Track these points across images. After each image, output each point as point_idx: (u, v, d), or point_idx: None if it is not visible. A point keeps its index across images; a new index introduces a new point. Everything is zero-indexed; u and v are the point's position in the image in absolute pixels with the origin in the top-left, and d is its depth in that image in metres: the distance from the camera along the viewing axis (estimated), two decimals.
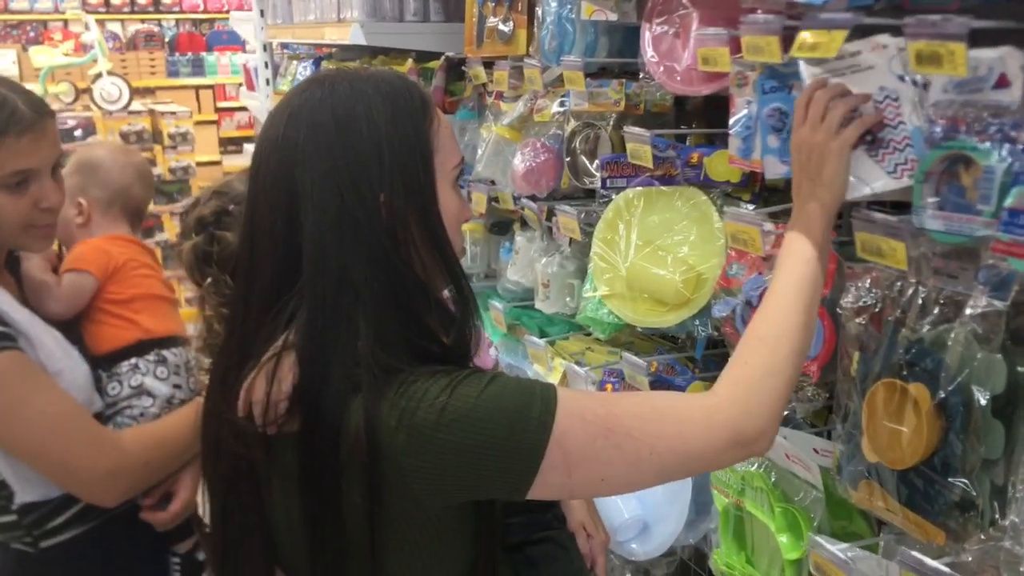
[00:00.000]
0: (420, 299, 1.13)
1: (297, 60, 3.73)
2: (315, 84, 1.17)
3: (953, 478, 1.21)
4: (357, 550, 1.09)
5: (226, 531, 1.22)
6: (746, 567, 1.62)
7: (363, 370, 1.06)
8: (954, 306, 1.24)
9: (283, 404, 1.09)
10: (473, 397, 1.05)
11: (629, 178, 1.91)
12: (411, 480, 1.06)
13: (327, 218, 1.09)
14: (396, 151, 1.11)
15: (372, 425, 1.04)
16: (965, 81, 1.16)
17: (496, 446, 1.05)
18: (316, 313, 1.09)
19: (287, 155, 1.12)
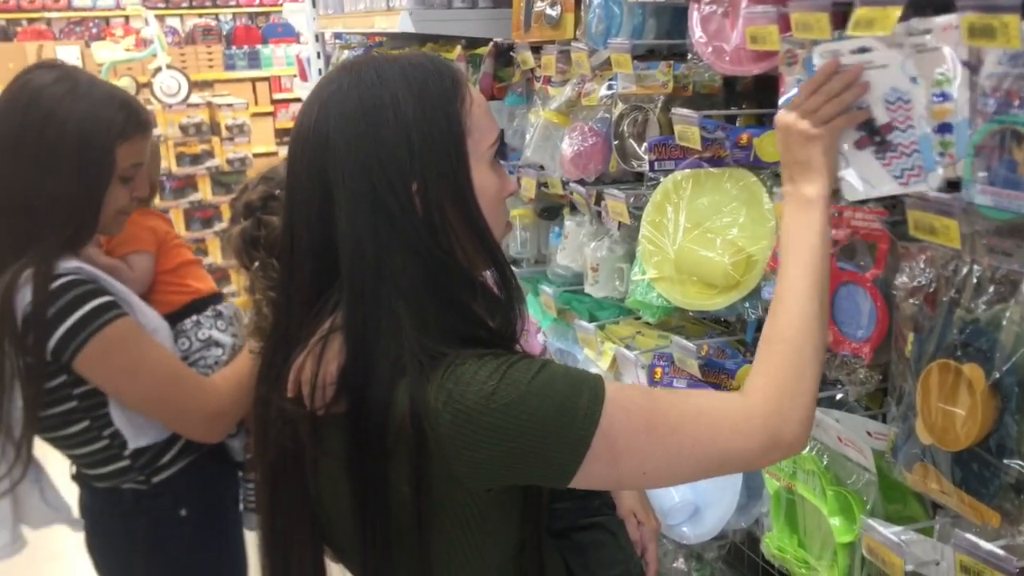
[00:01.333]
0: (463, 285, 1.14)
1: (348, 50, 3.76)
2: (343, 72, 1.17)
3: (1008, 460, 1.19)
4: (404, 532, 1.11)
5: (275, 515, 1.25)
6: (798, 551, 1.61)
7: (407, 355, 1.07)
8: (1010, 285, 1.22)
9: (331, 386, 1.11)
10: (524, 383, 1.06)
11: (677, 160, 1.90)
12: (454, 462, 1.07)
13: (361, 212, 1.10)
14: (425, 138, 1.11)
15: (418, 408, 1.06)
16: (1018, 54, 1.13)
17: (544, 434, 1.06)
18: (356, 307, 1.10)
19: (318, 147, 1.12)
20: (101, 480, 1.91)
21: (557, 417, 1.06)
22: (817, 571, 1.56)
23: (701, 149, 1.82)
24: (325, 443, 1.15)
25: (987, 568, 1.20)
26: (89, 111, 1.74)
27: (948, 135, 1.23)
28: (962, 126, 1.22)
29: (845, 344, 1.48)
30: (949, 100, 1.23)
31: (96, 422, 1.82)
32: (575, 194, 2.31)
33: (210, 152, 6.28)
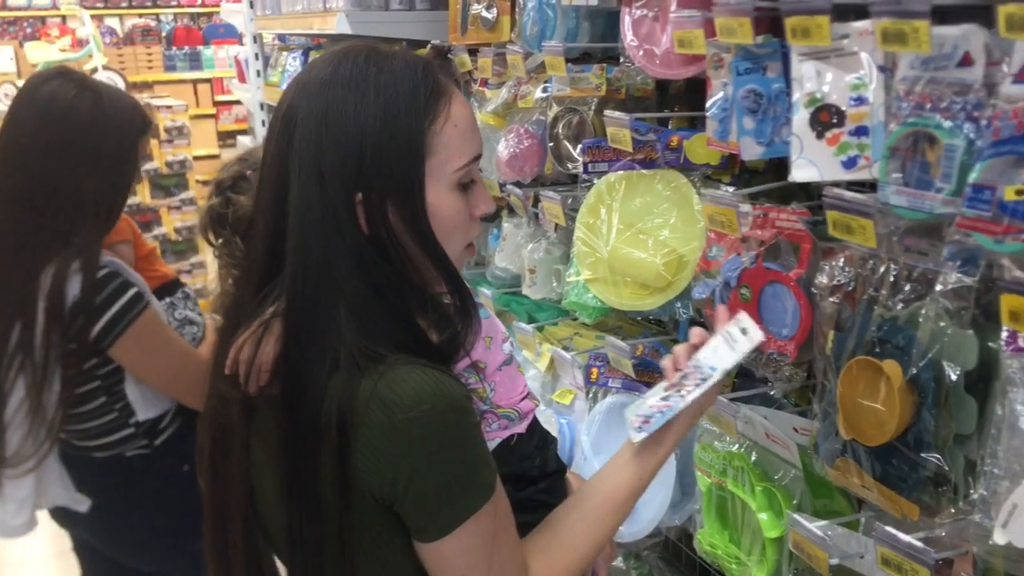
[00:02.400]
0: (409, 297, 1.14)
1: (287, 51, 3.73)
2: (327, 63, 1.15)
3: (926, 453, 1.22)
4: (329, 526, 1.11)
5: (215, 489, 1.25)
6: (729, 546, 1.63)
7: (343, 351, 1.07)
8: (926, 283, 1.25)
9: (265, 373, 1.12)
10: (462, 424, 1.08)
11: (610, 162, 1.91)
12: (361, 466, 1.07)
13: (312, 209, 1.09)
14: (377, 153, 1.09)
15: (345, 406, 1.06)
16: (931, 59, 1.16)
17: (445, 477, 1.08)
18: (296, 302, 1.11)
19: (285, 133, 1.12)
20: (103, 450, 2.06)
21: (463, 474, 1.09)
22: (747, 566, 1.58)
23: (633, 151, 1.84)
24: (259, 426, 1.16)
25: (907, 560, 1.23)
26: (120, 115, 1.98)
27: (864, 138, 1.26)
28: (878, 129, 1.25)
29: (771, 342, 1.50)
30: (865, 104, 1.26)
31: (112, 398, 2.00)
32: (512, 196, 2.32)
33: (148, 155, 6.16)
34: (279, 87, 3.75)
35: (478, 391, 1.24)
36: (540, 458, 1.33)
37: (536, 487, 1.30)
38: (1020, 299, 1.05)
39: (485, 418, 1.26)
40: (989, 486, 1.13)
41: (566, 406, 2.08)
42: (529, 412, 1.32)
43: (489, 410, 1.26)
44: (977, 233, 1.06)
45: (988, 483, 1.13)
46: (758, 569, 1.55)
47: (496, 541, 1.13)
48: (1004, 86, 1.07)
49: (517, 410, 1.29)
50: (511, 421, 1.29)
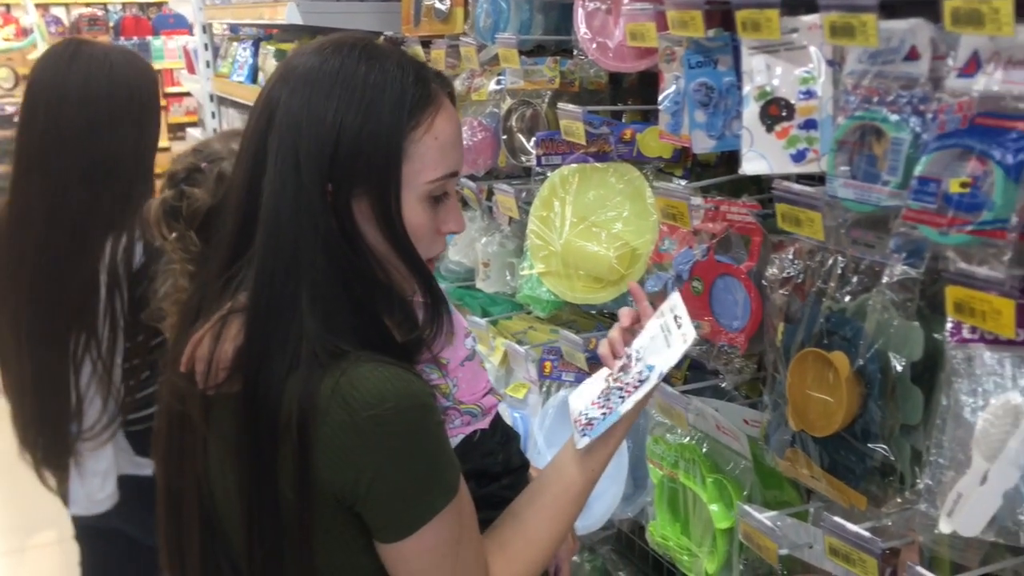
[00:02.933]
0: (376, 294, 1.12)
1: (238, 41, 3.67)
2: (316, 52, 1.13)
3: (873, 444, 1.23)
4: (289, 518, 1.09)
5: (169, 491, 1.23)
6: (680, 538, 1.64)
7: (305, 346, 1.06)
8: (872, 275, 1.26)
9: (223, 370, 1.10)
10: (425, 423, 1.07)
11: (564, 155, 1.91)
12: (322, 464, 1.05)
13: (286, 193, 1.08)
14: (352, 149, 1.08)
15: (306, 403, 1.04)
16: (878, 52, 1.17)
17: (407, 477, 1.06)
18: (262, 288, 1.09)
19: (267, 115, 1.11)
20: (138, 424, 2.04)
21: (426, 474, 1.07)
22: (698, 557, 1.59)
23: (586, 144, 1.84)
24: (216, 424, 1.14)
25: (855, 550, 1.25)
26: (147, 71, 2.04)
27: (813, 131, 1.27)
28: (826, 122, 1.26)
29: (722, 335, 1.51)
30: (814, 97, 1.27)
31: (154, 369, 1.99)
32: (466, 189, 2.31)
33: None
34: (229, 78, 3.69)
35: (441, 387, 1.23)
36: (503, 454, 1.32)
37: (499, 483, 1.30)
38: (965, 291, 1.06)
39: (448, 414, 1.25)
40: (934, 476, 1.15)
41: (520, 400, 2.08)
42: (492, 407, 1.31)
43: (452, 406, 1.25)
44: (923, 225, 1.07)
45: (933, 473, 1.15)
46: (709, 560, 1.56)
47: (460, 541, 1.12)
48: (949, 80, 1.08)
49: (480, 406, 1.28)
50: (474, 417, 1.28)
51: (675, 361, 1.22)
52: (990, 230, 1.00)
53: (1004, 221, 0.99)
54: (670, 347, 1.23)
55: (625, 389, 1.25)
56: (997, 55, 1.03)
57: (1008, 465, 1.05)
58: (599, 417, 1.25)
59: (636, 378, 1.25)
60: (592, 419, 1.26)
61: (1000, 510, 1.07)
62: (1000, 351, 1.07)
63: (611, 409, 1.24)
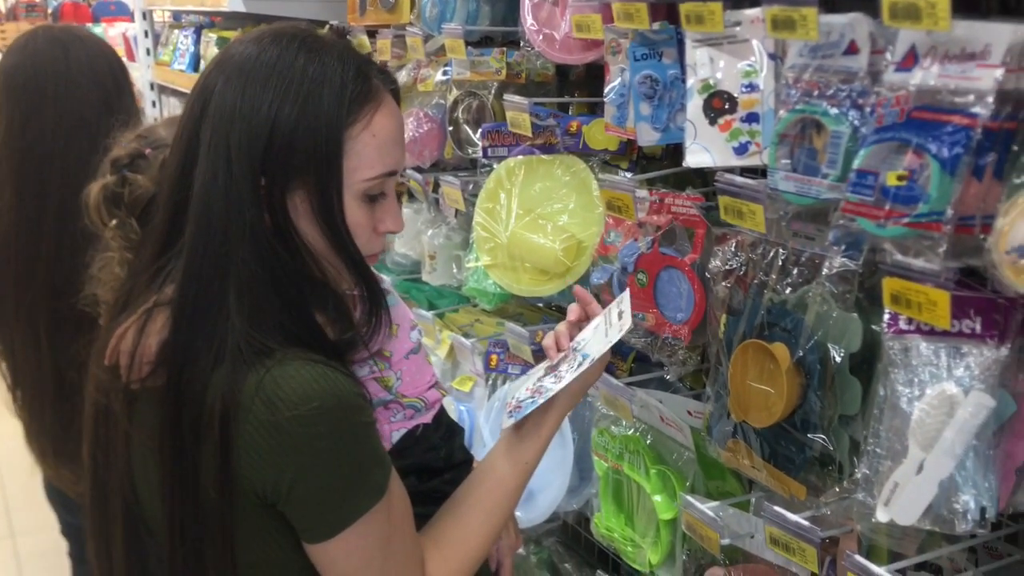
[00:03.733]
0: (309, 291, 1.10)
1: (179, 29, 3.59)
2: (260, 39, 1.10)
3: (812, 434, 1.24)
4: (211, 522, 1.07)
5: (95, 484, 1.20)
6: (625, 529, 1.65)
7: (231, 342, 1.04)
8: (813, 267, 1.28)
9: (147, 364, 1.07)
10: (351, 423, 1.05)
11: (510, 147, 1.90)
12: (244, 463, 1.03)
13: (217, 185, 1.05)
14: (287, 142, 1.05)
15: (228, 400, 1.02)
16: (818, 46, 1.18)
17: (331, 479, 1.04)
18: (190, 280, 1.06)
19: (201, 104, 1.08)
20: None
21: (352, 474, 1.05)
22: (642, 548, 1.60)
23: (533, 136, 1.83)
24: (140, 418, 1.11)
25: (794, 539, 1.26)
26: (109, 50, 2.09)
27: (755, 124, 1.28)
28: (768, 115, 1.27)
29: (666, 326, 1.52)
30: (756, 91, 1.28)
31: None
32: (412, 181, 2.29)
33: None
34: (170, 66, 3.61)
35: (383, 380, 1.21)
36: (446, 449, 1.30)
37: (442, 478, 1.28)
38: (901, 282, 1.07)
39: (390, 408, 1.23)
40: (872, 465, 1.16)
41: (466, 393, 2.07)
42: (436, 402, 1.30)
43: (394, 400, 1.23)
44: (860, 218, 1.08)
45: (871, 462, 1.16)
46: (652, 551, 1.57)
47: (391, 541, 1.10)
48: (887, 74, 1.10)
49: (423, 399, 1.27)
50: (417, 411, 1.26)
51: (606, 348, 1.22)
52: (926, 222, 1.01)
53: (939, 213, 1.01)
54: (607, 337, 1.23)
55: (560, 372, 1.25)
56: (934, 49, 1.05)
57: (943, 455, 1.07)
58: (528, 399, 1.24)
59: (572, 363, 1.24)
60: (521, 401, 1.25)
61: (936, 499, 1.08)
62: (936, 342, 1.09)
63: (540, 393, 1.23)
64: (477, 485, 1.25)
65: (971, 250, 1.02)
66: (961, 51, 1.02)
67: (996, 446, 1.08)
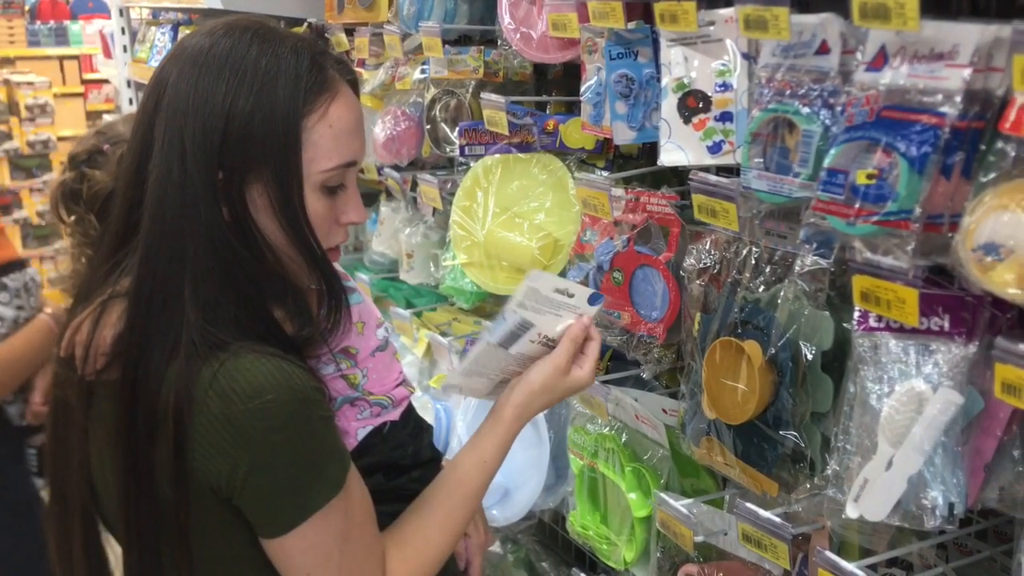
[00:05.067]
0: (264, 284, 1.09)
1: (156, 26, 3.57)
2: (212, 32, 1.10)
3: (784, 431, 1.25)
4: (167, 510, 1.06)
5: (56, 470, 1.20)
6: (600, 527, 1.65)
7: (185, 337, 1.03)
8: (785, 266, 1.29)
9: (103, 355, 1.07)
10: (308, 417, 1.04)
11: (487, 145, 1.90)
12: (198, 456, 1.03)
13: (171, 179, 1.05)
14: (244, 134, 1.05)
15: (182, 394, 1.01)
16: (790, 46, 1.19)
17: (287, 472, 1.04)
18: (145, 274, 1.06)
19: (155, 98, 1.08)
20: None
21: (308, 469, 1.05)
22: (617, 546, 1.60)
23: (509, 134, 1.83)
24: (95, 410, 1.11)
25: (767, 536, 1.27)
26: None
27: (729, 123, 1.28)
28: (742, 115, 1.27)
29: (641, 324, 1.52)
30: (729, 90, 1.29)
31: None
32: (389, 179, 2.29)
33: (7, 134, 5.82)
34: (147, 63, 3.58)
35: (350, 377, 1.21)
36: (413, 446, 1.30)
37: (409, 476, 1.28)
38: (871, 280, 1.08)
39: (356, 405, 1.22)
40: (842, 462, 1.17)
41: (443, 391, 2.06)
42: (403, 399, 1.29)
43: (360, 397, 1.23)
44: (831, 216, 1.09)
45: (841, 459, 1.17)
46: (627, 548, 1.57)
47: (349, 538, 1.10)
48: (858, 74, 1.11)
49: (390, 397, 1.26)
50: (384, 408, 1.26)
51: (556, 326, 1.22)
52: (895, 220, 1.02)
53: (908, 212, 1.02)
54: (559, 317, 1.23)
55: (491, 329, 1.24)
56: (903, 49, 1.06)
57: (912, 451, 1.08)
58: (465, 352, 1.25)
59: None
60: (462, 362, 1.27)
61: (905, 495, 1.09)
62: (904, 339, 1.10)
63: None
64: (440, 485, 1.25)
65: (939, 248, 1.03)
66: (930, 51, 1.03)
67: (964, 443, 1.09)
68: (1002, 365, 0.98)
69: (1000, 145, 0.98)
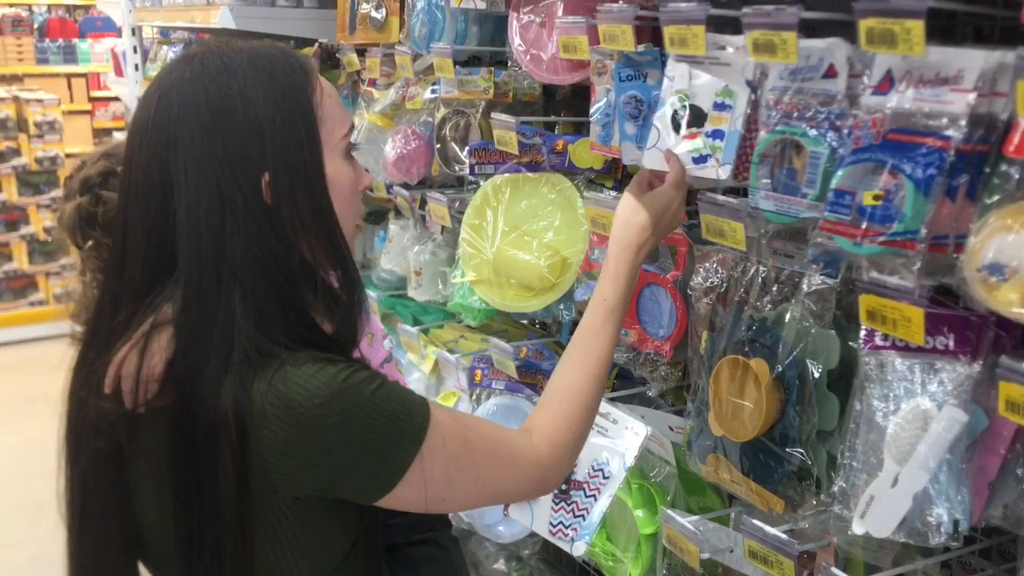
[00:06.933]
0: (303, 282, 1.11)
1: (168, 45, 3.61)
2: (184, 62, 1.11)
3: (791, 448, 1.27)
4: (228, 534, 1.07)
5: (84, 523, 1.17)
6: (606, 544, 1.66)
7: (238, 350, 1.04)
8: (792, 285, 1.31)
9: (154, 382, 1.06)
10: (359, 398, 1.05)
11: (497, 164, 1.93)
12: (272, 467, 1.04)
13: (203, 203, 1.06)
14: (276, 127, 1.07)
15: (242, 406, 1.02)
16: (798, 69, 1.21)
17: (368, 452, 1.05)
18: (192, 299, 1.06)
19: (159, 139, 1.08)
20: None
21: (385, 438, 1.06)
22: (623, 563, 1.61)
23: (519, 154, 1.85)
24: (144, 443, 1.10)
25: (773, 552, 1.28)
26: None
27: (719, 141, 1.31)
28: (733, 136, 1.29)
29: (648, 342, 1.54)
30: (726, 110, 1.31)
31: None
32: (399, 197, 2.31)
33: (16, 150, 5.86)
34: None
35: None
36: None
37: None
38: (877, 299, 1.10)
39: None
40: (848, 479, 1.19)
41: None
42: None
43: None
44: (838, 236, 1.11)
45: (847, 476, 1.19)
46: (633, 566, 1.58)
47: (461, 455, 1.11)
48: (864, 97, 1.13)
49: None
50: None
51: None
52: (901, 241, 1.04)
53: (914, 232, 1.04)
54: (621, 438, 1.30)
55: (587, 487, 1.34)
56: (909, 74, 1.08)
57: (917, 468, 1.09)
58: (577, 519, 1.37)
59: (587, 474, 1.31)
60: (570, 525, 1.39)
61: (910, 512, 1.11)
62: (910, 358, 1.12)
63: (586, 509, 1.34)
64: (571, 342, 1.29)
65: (944, 268, 1.05)
66: (935, 76, 1.05)
67: (969, 461, 1.10)
68: (1006, 383, 1.00)
69: (1004, 168, 1.00)
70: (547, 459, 1.19)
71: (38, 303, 6.12)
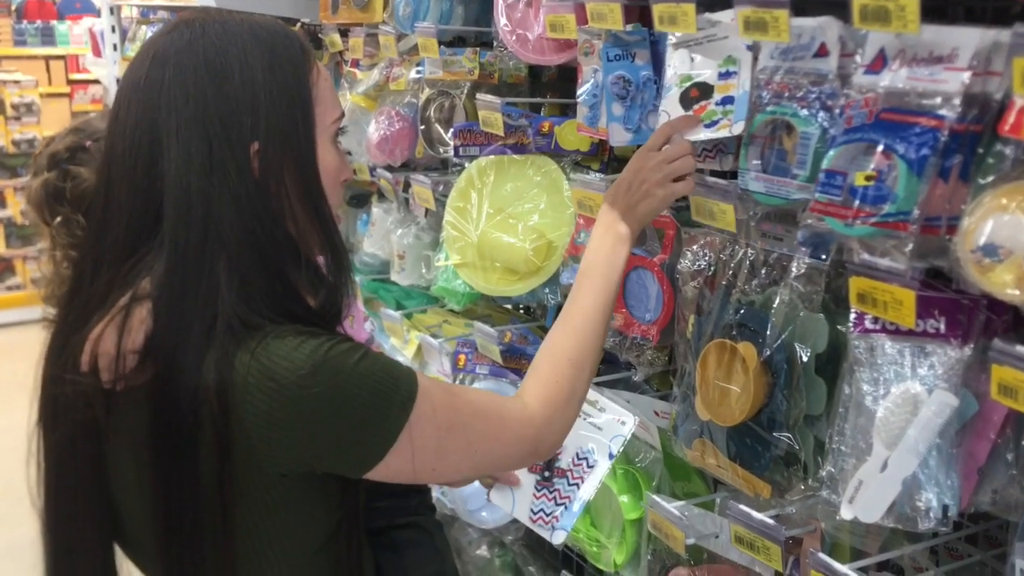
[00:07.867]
0: (289, 256, 1.08)
1: (147, 24, 3.55)
2: (184, 25, 1.09)
3: (778, 433, 1.25)
4: (208, 512, 1.05)
5: (59, 504, 1.15)
6: (590, 529, 1.64)
7: (221, 320, 1.01)
8: (781, 268, 1.29)
9: (133, 356, 1.04)
10: (343, 369, 1.02)
11: (482, 146, 1.90)
12: (256, 442, 1.02)
13: (194, 165, 1.03)
14: (272, 99, 1.06)
15: (224, 379, 1.00)
16: (789, 48, 1.20)
17: (355, 423, 1.03)
18: (176, 262, 1.03)
19: (151, 98, 1.05)
20: None
21: (371, 408, 1.04)
22: (607, 548, 1.60)
23: (504, 136, 1.83)
24: (123, 419, 1.07)
25: (759, 538, 1.27)
26: None
27: (729, 105, 1.28)
28: (743, 97, 1.27)
29: (635, 326, 1.52)
30: (733, 77, 1.29)
31: None
32: (382, 180, 2.28)
33: None
34: None
35: None
36: None
37: None
38: (867, 281, 1.09)
39: None
40: (836, 463, 1.17)
41: None
42: None
43: None
44: (829, 217, 1.10)
45: (835, 460, 1.18)
46: (617, 551, 1.57)
47: (453, 424, 1.10)
48: (856, 76, 1.11)
49: None
50: None
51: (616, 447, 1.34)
52: (893, 222, 1.03)
53: (906, 213, 1.02)
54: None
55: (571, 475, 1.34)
56: (902, 52, 1.06)
57: (907, 452, 1.08)
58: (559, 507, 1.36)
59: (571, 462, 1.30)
60: (551, 513, 1.37)
61: (899, 497, 1.10)
62: (900, 341, 1.11)
63: (569, 497, 1.33)
64: (561, 315, 1.28)
65: (936, 250, 1.04)
66: (929, 54, 1.04)
67: (958, 445, 1.09)
68: (999, 367, 0.99)
69: (999, 148, 0.99)
70: (539, 417, 1.17)
71: (15, 287, 6.04)
